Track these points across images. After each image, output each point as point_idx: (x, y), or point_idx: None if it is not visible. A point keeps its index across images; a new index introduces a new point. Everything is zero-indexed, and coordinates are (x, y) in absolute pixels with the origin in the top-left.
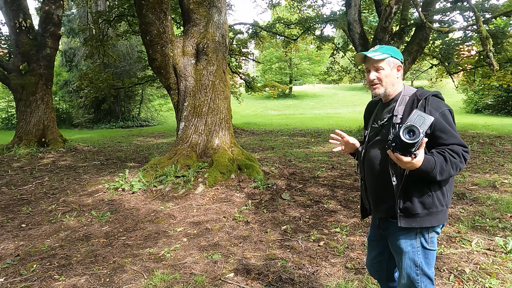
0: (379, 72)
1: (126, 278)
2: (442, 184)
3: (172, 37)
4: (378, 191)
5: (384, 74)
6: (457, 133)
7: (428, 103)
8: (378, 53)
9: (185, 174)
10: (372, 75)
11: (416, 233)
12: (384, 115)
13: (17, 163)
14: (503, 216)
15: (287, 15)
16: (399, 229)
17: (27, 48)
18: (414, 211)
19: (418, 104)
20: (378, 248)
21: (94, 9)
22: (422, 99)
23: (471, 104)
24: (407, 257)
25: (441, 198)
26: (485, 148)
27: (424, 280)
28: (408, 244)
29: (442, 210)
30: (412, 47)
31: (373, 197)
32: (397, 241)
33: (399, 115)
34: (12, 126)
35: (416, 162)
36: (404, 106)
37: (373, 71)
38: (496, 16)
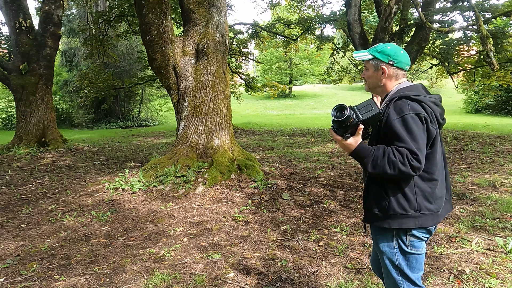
0: (364, 72)
1: (126, 278)
2: (402, 186)
3: (172, 37)
4: (365, 193)
5: (367, 75)
6: (416, 139)
7: (391, 105)
8: (364, 54)
9: (185, 174)
10: (363, 73)
11: (393, 235)
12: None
13: (17, 163)
14: (503, 216)
15: (287, 15)
16: (376, 230)
17: (27, 48)
18: (373, 211)
19: (388, 106)
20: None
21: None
22: (392, 101)
23: (471, 104)
24: (386, 257)
25: (403, 202)
26: (485, 148)
27: (406, 282)
28: (385, 245)
29: (407, 214)
30: (412, 47)
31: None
32: (376, 241)
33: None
34: (12, 126)
35: (346, 144)
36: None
37: (365, 69)
38: (496, 16)
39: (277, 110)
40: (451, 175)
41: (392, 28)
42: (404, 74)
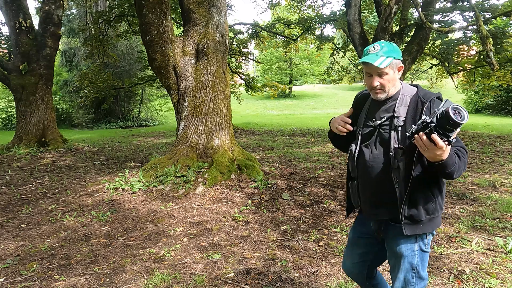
0: (383, 78)
1: (126, 278)
2: (442, 187)
3: (172, 37)
4: (377, 194)
5: (388, 79)
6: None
7: (434, 107)
8: (382, 58)
9: (185, 174)
10: (376, 81)
11: (416, 237)
12: (381, 114)
13: (17, 163)
14: (503, 216)
15: (287, 15)
16: (400, 233)
17: (27, 48)
18: (419, 218)
19: (423, 108)
20: (364, 247)
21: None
22: (427, 102)
23: (471, 104)
24: (406, 260)
25: (441, 202)
26: (485, 148)
27: (418, 281)
28: (408, 248)
29: (440, 213)
30: (412, 47)
31: (371, 200)
32: (397, 245)
33: (401, 117)
34: (12, 126)
35: (446, 152)
36: (406, 108)
37: (377, 77)
38: (496, 16)
39: (277, 110)
40: None
41: (392, 28)
42: None
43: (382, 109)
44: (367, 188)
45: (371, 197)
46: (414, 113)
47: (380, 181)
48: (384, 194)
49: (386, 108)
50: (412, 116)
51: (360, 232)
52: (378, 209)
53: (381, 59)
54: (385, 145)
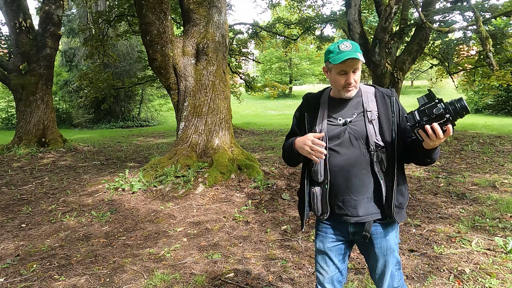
0: (356, 74)
1: (126, 278)
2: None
3: (172, 37)
4: (360, 192)
5: (359, 76)
6: None
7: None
8: (359, 54)
9: (185, 174)
10: (352, 78)
11: (395, 230)
12: (348, 111)
13: (17, 163)
14: (503, 216)
15: (287, 15)
16: (386, 227)
17: (27, 48)
18: (404, 205)
19: (391, 102)
20: (340, 255)
21: (94, 9)
22: (392, 97)
23: (471, 104)
24: (393, 255)
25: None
26: (485, 148)
27: (400, 274)
28: (394, 242)
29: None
30: (412, 47)
31: (354, 200)
32: (387, 241)
33: (373, 111)
34: (12, 126)
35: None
36: (374, 102)
37: (351, 74)
38: (496, 16)
39: (277, 110)
40: (451, 175)
41: (392, 28)
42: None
43: (349, 107)
44: (348, 188)
45: (355, 196)
46: (385, 107)
47: (362, 177)
48: (368, 190)
49: (353, 105)
50: (384, 110)
51: (334, 238)
52: (362, 209)
53: (360, 55)
54: (361, 140)
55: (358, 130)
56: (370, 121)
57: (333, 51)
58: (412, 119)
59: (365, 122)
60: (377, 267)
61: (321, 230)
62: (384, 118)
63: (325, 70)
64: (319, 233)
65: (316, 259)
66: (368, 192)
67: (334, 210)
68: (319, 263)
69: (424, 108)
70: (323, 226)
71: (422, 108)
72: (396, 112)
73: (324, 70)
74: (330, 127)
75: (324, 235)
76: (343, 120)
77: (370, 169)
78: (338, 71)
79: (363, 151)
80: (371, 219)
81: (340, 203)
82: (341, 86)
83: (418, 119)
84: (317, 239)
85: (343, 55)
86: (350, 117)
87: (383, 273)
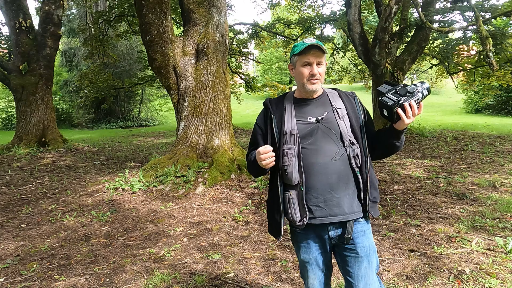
0: (320, 68)
1: (126, 278)
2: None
3: (172, 37)
4: (342, 189)
5: (323, 71)
6: None
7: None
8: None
9: (185, 174)
10: (315, 69)
11: (370, 227)
12: (316, 110)
13: (17, 163)
14: (503, 216)
15: (287, 15)
16: (365, 225)
17: (27, 48)
18: (378, 199)
19: (355, 101)
20: (324, 263)
21: (94, 9)
22: (355, 97)
23: (471, 104)
24: (375, 255)
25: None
26: (485, 148)
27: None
28: (372, 240)
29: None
30: (412, 47)
31: (336, 198)
32: (368, 240)
33: (342, 108)
34: (12, 126)
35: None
36: (341, 101)
37: (315, 66)
38: (496, 16)
39: None
40: (451, 175)
41: (392, 28)
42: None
43: (316, 106)
44: (328, 186)
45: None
46: (351, 105)
47: (342, 173)
48: (349, 186)
49: (320, 104)
50: (351, 108)
51: (317, 246)
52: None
53: (323, 46)
54: (335, 136)
55: (331, 127)
56: (341, 118)
57: (297, 45)
58: (390, 100)
59: (336, 119)
60: (359, 273)
61: (302, 241)
62: (353, 115)
63: (291, 68)
64: (302, 244)
65: (304, 270)
66: (349, 188)
67: (314, 213)
68: (308, 273)
69: (394, 90)
70: (303, 236)
71: (392, 91)
72: (361, 110)
73: (290, 68)
74: (300, 125)
75: (307, 245)
76: (314, 118)
77: (346, 164)
78: (302, 63)
79: (339, 147)
80: (354, 217)
81: (321, 203)
82: (305, 78)
83: (395, 99)
84: (301, 250)
85: (305, 44)
86: (321, 115)
87: (367, 277)
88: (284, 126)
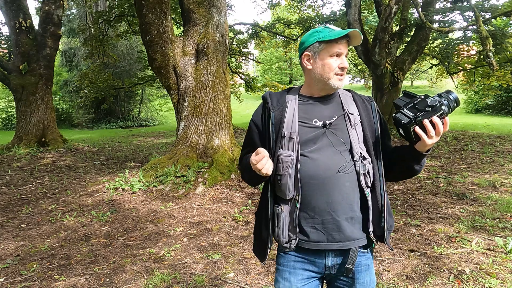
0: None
1: (126, 278)
2: None
3: (172, 37)
4: (344, 211)
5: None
6: None
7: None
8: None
9: (185, 174)
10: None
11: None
12: (326, 112)
13: (17, 163)
14: (503, 216)
15: (287, 15)
16: (369, 257)
17: (27, 48)
18: (393, 227)
19: (371, 107)
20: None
21: (94, 9)
22: (372, 102)
23: (471, 104)
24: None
25: None
26: (485, 148)
27: None
28: (374, 275)
29: None
30: (412, 47)
31: (336, 221)
32: (370, 275)
33: (356, 114)
34: (12, 126)
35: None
36: (354, 106)
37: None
38: (496, 16)
39: None
40: (451, 175)
41: (392, 28)
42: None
43: (326, 107)
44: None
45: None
46: (366, 112)
47: (346, 191)
48: (353, 208)
49: (331, 106)
50: (366, 115)
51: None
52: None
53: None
54: (344, 147)
55: (340, 135)
56: (352, 125)
57: (321, 31)
58: (405, 116)
59: (347, 126)
60: None
61: (285, 264)
62: (367, 124)
63: (307, 59)
64: (284, 269)
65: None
66: (353, 211)
67: (309, 235)
68: None
69: (412, 104)
70: (289, 258)
71: (410, 105)
72: (377, 119)
73: (305, 60)
74: (303, 129)
75: (291, 270)
76: (321, 122)
77: (354, 182)
78: (331, 53)
79: (347, 159)
80: (357, 245)
81: (319, 225)
82: (332, 72)
83: (412, 115)
84: (280, 276)
85: (341, 31)
86: (329, 119)
87: None
88: (283, 127)
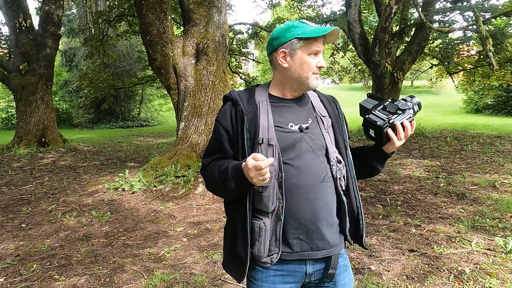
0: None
1: (126, 278)
2: None
3: (172, 37)
4: (326, 219)
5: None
6: None
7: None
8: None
9: (185, 174)
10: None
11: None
12: (300, 115)
13: (17, 163)
14: (503, 216)
15: (287, 15)
16: (346, 259)
17: (27, 48)
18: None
19: (337, 106)
20: None
21: (94, 9)
22: (337, 102)
23: (471, 104)
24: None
25: None
26: (485, 148)
27: None
28: (351, 273)
29: None
30: (412, 47)
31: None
32: (349, 275)
33: (327, 116)
34: (12, 126)
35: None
36: (322, 107)
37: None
38: (496, 16)
39: None
40: (451, 175)
41: (392, 28)
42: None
43: (299, 110)
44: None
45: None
46: (334, 113)
47: (327, 199)
48: (332, 214)
49: (304, 108)
50: (334, 116)
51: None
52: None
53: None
54: (320, 151)
55: (317, 139)
56: (326, 128)
57: (299, 26)
58: (379, 118)
59: (321, 129)
60: None
61: (264, 280)
62: (336, 126)
63: (282, 56)
64: (262, 284)
65: None
66: (332, 216)
67: (292, 247)
68: None
69: (383, 106)
70: (268, 273)
71: (380, 108)
72: (343, 119)
73: (280, 57)
74: (280, 134)
75: (270, 286)
76: (297, 126)
77: (331, 187)
78: (310, 51)
79: (326, 165)
80: (338, 251)
81: (303, 236)
82: (311, 72)
83: (385, 117)
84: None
85: (322, 28)
86: (304, 122)
87: None
88: (258, 133)
